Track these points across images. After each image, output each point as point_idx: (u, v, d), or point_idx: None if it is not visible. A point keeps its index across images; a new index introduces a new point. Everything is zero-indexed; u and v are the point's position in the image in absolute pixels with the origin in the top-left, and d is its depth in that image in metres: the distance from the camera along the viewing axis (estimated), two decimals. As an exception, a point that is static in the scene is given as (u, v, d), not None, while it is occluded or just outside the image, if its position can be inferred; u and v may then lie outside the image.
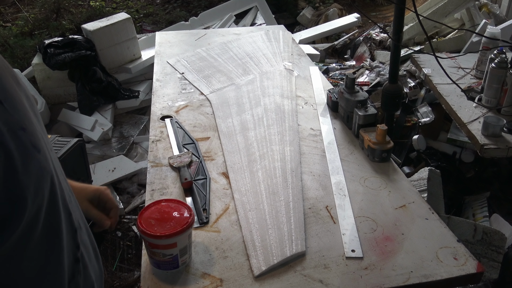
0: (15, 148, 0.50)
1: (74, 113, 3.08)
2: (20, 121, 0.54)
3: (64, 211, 0.62)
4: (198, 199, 1.20)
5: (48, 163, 0.57)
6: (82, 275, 0.68)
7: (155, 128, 1.55)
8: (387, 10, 5.12)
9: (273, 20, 4.33)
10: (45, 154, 0.57)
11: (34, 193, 0.52)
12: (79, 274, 0.67)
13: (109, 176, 2.65)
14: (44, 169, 0.55)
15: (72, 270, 0.65)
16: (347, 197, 1.21)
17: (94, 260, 0.75)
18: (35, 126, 0.58)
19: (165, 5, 5.32)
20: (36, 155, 0.54)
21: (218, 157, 1.40)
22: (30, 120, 0.57)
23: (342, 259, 1.01)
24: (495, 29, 2.40)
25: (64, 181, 0.67)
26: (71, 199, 0.68)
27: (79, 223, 0.69)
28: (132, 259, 2.26)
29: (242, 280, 0.96)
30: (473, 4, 3.41)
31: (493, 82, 1.94)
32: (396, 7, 1.95)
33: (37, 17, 4.61)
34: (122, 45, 3.28)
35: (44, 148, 0.57)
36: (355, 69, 3.55)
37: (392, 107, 2.16)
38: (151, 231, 0.92)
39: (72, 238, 0.65)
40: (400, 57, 2.10)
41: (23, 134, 0.53)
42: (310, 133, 1.52)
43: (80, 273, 0.67)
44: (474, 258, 1.01)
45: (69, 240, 0.64)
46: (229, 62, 2.06)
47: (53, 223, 0.59)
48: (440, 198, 1.95)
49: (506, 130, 1.83)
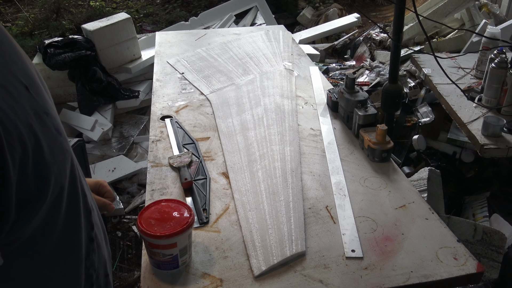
0: (41, 131, 0.54)
1: (74, 113, 3.08)
2: (43, 106, 0.57)
3: (81, 192, 0.66)
4: (198, 199, 1.20)
5: (68, 145, 0.62)
6: (96, 254, 0.72)
7: (155, 128, 1.55)
8: (387, 10, 5.12)
9: (273, 20, 4.33)
10: (65, 137, 0.62)
11: (58, 172, 0.57)
12: (94, 253, 0.71)
13: (109, 176, 2.65)
14: (66, 151, 0.60)
15: (87, 248, 0.69)
16: (347, 197, 1.21)
17: (104, 242, 0.79)
18: (55, 112, 0.62)
19: (165, 5, 5.32)
20: (59, 138, 0.58)
21: (218, 157, 1.40)
22: (51, 106, 0.61)
23: (342, 259, 1.01)
24: (495, 29, 2.40)
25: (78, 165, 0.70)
26: (84, 182, 0.72)
27: (92, 205, 0.73)
28: (132, 259, 2.26)
29: (242, 280, 0.96)
30: (473, 4, 3.41)
31: (493, 82, 1.94)
32: (396, 7, 1.95)
33: (37, 17, 4.61)
34: (122, 45, 3.28)
35: (64, 132, 0.62)
36: (355, 69, 3.55)
37: (392, 107, 2.16)
38: (151, 231, 0.92)
39: (86, 218, 0.69)
40: (400, 57, 2.11)
41: (47, 118, 0.57)
42: (310, 133, 1.52)
43: (95, 251, 0.71)
44: (474, 258, 1.01)
45: (85, 220, 0.68)
46: (229, 62, 2.06)
47: (73, 203, 0.63)
48: (440, 198, 1.95)
49: (506, 130, 1.83)
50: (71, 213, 0.63)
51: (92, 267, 0.70)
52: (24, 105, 0.53)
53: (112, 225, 2.45)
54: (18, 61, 0.57)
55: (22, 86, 0.54)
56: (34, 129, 0.52)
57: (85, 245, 0.68)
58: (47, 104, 0.59)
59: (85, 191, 0.69)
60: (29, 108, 0.53)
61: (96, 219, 0.75)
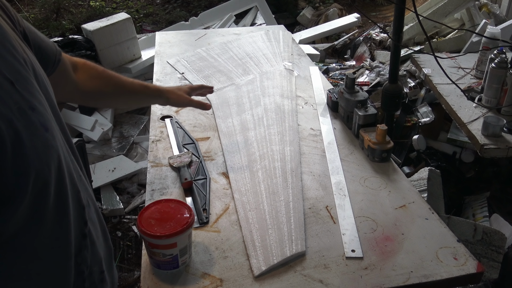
0: (23, 125, 0.54)
1: (74, 113, 3.08)
2: (30, 101, 0.58)
3: (72, 188, 0.66)
4: (198, 199, 1.20)
5: (55, 142, 0.61)
6: (90, 251, 0.72)
7: (155, 128, 1.55)
8: (387, 10, 5.12)
9: (273, 20, 4.33)
10: (54, 134, 0.61)
11: (40, 168, 0.56)
12: (86, 249, 0.71)
13: (109, 176, 2.65)
14: (52, 147, 0.60)
15: (79, 245, 0.68)
16: (347, 197, 1.21)
17: (101, 238, 0.78)
18: (45, 108, 0.62)
19: (165, 5, 5.32)
20: (44, 133, 0.58)
21: (218, 157, 1.40)
22: (40, 102, 0.61)
23: (342, 259, 1.01)
24: (495, 29, 2.40)
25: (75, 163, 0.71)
26: (82, 179, 0.72)
27: (88, 201, 0.73)
28: (132, 259, 2.26)
29: (242, 280, 0.96)
30: (473, 4, 3.41)
31: (493, 82, 1.94)
32: (396, 7, 1.95)
33: (37, 17, 4.61)
34: (122, 45, 3.28)
35: (54, 129, 0.62)
36: (355, 69, 3.55)
37: (392, 107, 2.16)
38: (151, 231, 0.92)
39: (79, 214, 0.69)
40: (400, 57, 2.10)
41: (32, 113, 0.57)
42: (310, 133, 1.52)
43: (88, 248, 0.71)
44: (474, 258, 1.01)
45: (77, 216, 0.68)
46: (229, 62, 2.06)
47: (61, 199, 0.63)
48: (440, 198, 1.95)
49: (506, 130, 1.83)
50: (59, 208, 0.62)
51: (84, 263, 0.70)
52: (6, 100, 0.54)
53: (112, 225, 2.45)
54: (6, 55, 0.58)
55: (6, 81, 0.55)
56: (15, 124, 0.53)
57: (77, 241, 0.68)
58: (35, 100, 0.59)
59: (78, 187, 0.69)
60: (12, 103, 0.54)
61: (92, 216, 0.75)
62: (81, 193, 0.70)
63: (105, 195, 2.59)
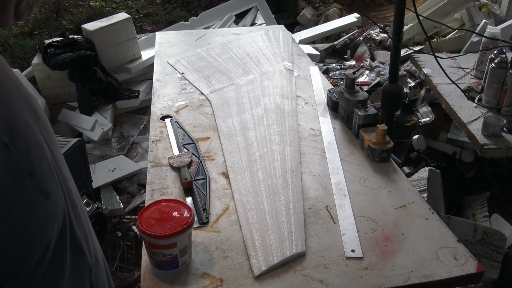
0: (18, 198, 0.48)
1: (74, 113, 3.08)
2: (28, 165, 0.50)
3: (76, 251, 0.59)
4: (198, 199, 1.20)
5: (55, 208, 0.54)
6: None
7: (155, 128, 1.55)
8: (387, 10, 5.12)
9: (273, 20, 4.33)
10: (55, 198, 0.54)
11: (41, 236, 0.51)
12: None
13: (109, 176, 2.65)
14: (52, 216, 0.53)
15: None
16: (347, 197, 1.21)
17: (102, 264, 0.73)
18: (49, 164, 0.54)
19: (165, 5, 5.32)
20: (43, 202, 0.51)
21: (218, 157, 1.40)
22: (44, 157, 0.53)
23: (342, 259, 1.01)
24: (495, 29, 2.40)
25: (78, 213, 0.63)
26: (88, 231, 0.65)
27: (96, 258, 0.67)
28: (132, 259, 2.26)
29: (242, 280, 0.96)
30: (473, 4, 3.41)
31: (493, 82, 1.94)
32: (396, 7, 1.95)
33: (37, 17, 4.61)
34: (122, 45, 3.28)
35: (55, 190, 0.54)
36: (355, 69, 3.55)
37: (392, 107, 2.16)
38: (151, 231, 0.92)
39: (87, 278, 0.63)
40: (400, 57, 2.11)
41: (30, 181, 0.50)
42: (310, 133, 1.52)
43: None
44: (474, 258, 1.01)
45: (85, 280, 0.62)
46: (229, 62, 2.06)
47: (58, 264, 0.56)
48: (440, 198, 1.95)
49: (506, 130, 1.83)
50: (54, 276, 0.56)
51: None
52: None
53: (112, 225, 2.45)
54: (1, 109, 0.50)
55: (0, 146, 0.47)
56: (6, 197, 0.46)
57: None
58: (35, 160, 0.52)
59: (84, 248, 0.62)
60: (5, 172, 0.46)
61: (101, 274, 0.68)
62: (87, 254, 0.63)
63: (105, 195, 2.59)
